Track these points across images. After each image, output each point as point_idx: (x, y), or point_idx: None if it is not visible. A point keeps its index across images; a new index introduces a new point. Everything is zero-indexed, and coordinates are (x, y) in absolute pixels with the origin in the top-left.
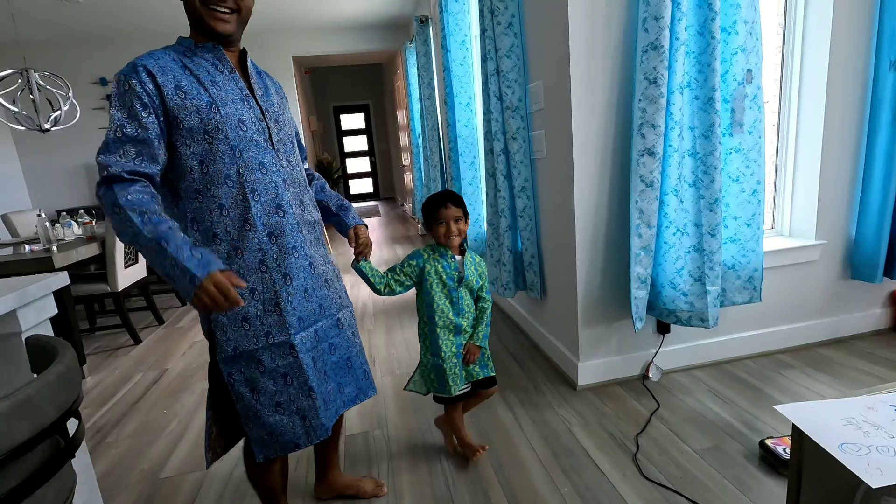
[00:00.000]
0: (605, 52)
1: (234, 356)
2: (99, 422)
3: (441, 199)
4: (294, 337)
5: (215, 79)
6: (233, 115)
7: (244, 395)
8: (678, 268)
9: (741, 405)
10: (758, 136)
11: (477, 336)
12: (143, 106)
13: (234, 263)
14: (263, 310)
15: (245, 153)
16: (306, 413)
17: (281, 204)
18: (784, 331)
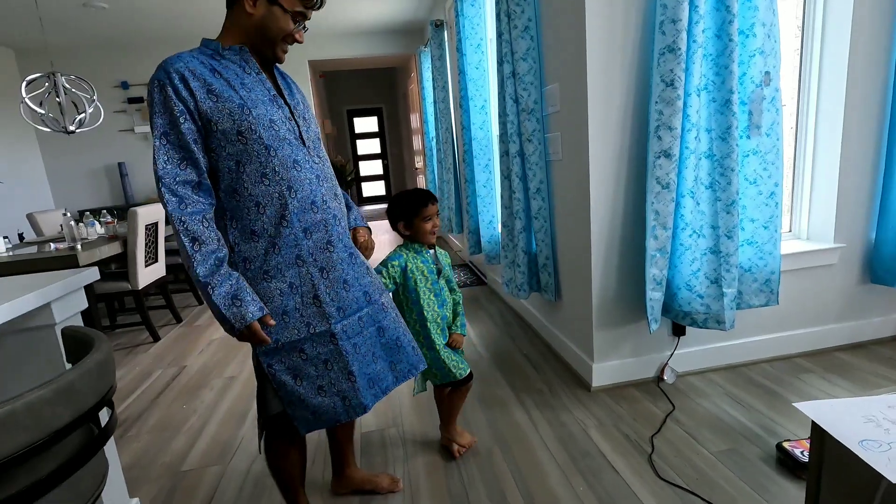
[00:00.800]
0: (622, 55)
1: (275, 348)
2: (121, 416)
3: (426, 197)
4: (335, 326)
5: (244, 81)
6: (264, 115)
7: (286, 383)
8: (694, 270)
9: (758, 408)
10: (776, 138)
11: (457, 325)
12: (179, 112)
13: (272, 259)
14: (302, 302)
15: (279, 151)
16: (346, 394)
17: (315, 200)
18: (802, 335)
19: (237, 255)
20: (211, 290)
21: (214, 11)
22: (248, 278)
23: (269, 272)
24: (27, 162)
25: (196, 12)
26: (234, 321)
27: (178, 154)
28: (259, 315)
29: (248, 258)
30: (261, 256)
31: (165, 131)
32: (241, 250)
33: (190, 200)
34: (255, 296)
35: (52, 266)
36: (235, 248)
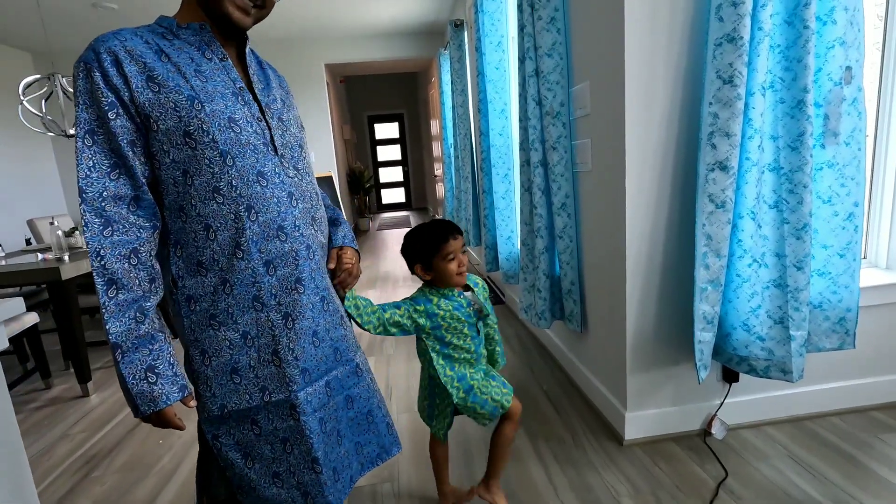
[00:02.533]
0: (668, 46)
1: (220, 416)
2: (91, 450)
3: (446, 230)
4: (297, 394)
5: (201, 67)
6: (221, 112)
7: (235, 463)
8: (754, 306)
9: (834, 480)
10: (856, 147)
11: (498, 359)
12: (109, 105)
13: (222, 300)
14: (258, 359)
15: (239, 160)
16: (308, 489)
17: (284, 225)
18: (881, 383)
19: (179, 293)
20: (121, 354)
21: None
22: (192, 323)
23: (216, 317)
24: (41, 166)
25: None
26: (141, 402)
27: (107, 160)
28: (177, 398)
29: (193, 297)
30: (208, 296)
31: (91, 129)
32: (186, 286)
33: (120, 225)
34: (178, 369)
35: (32, 279)
36: (178, 282)
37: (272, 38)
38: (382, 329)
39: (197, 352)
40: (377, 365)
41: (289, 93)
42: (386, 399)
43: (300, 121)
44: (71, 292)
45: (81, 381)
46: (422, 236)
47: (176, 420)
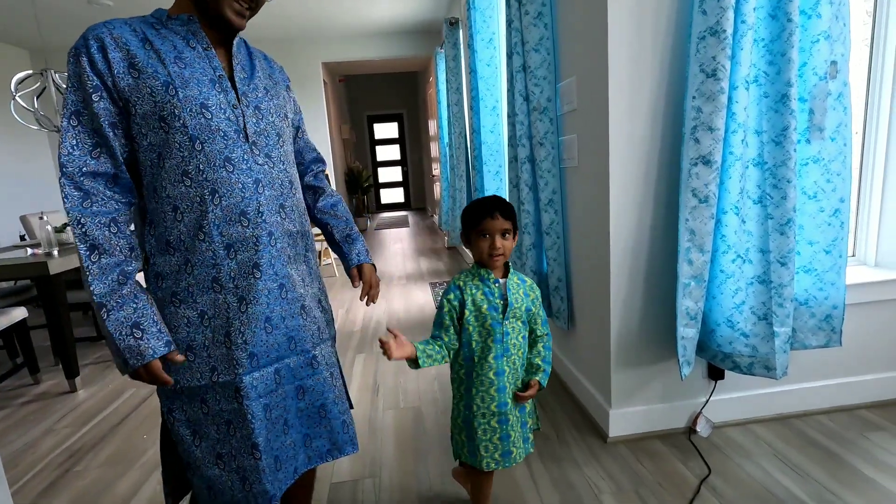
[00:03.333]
0: (653, 40)
1: (175, 391)
2: (76, 444)
3: (487, 207)
4: (242, 378)
5: (182, 55)
6: (194, 98)
7: (184, 438)
8: (738, 302)
9: (818, 478)
10: (842, 143)
11: (539, 369)
12: (94, 87)
13: (183, 280)
14: (212, 339)
15: (207, 146)
16: (247, 474)
17: (247, 210)
18: (868, 382)
19: (150, 269)
20: (106, 313)
21: None
22: (157, 299)
23: (178, 294)
24: (37, 162)
25: None
26: (129, 356)
27: (90, 139)
28: (164, 352)
29: (160, 274)
30: (173, 274)
31: (77, 110)
32: (157, 264)
33: (98, 198)
34: (162, 326)
35: (20, 273)
36: (151, 259)
37: (269, 36)
38: (453, 350)
39: None
40: (366, 362)
41: (280, 83)
42: (373, 395)
43: (288, 110)
44: (59, 287)
45: (69, 377)
46: (470, 207)
47: (164, 374)
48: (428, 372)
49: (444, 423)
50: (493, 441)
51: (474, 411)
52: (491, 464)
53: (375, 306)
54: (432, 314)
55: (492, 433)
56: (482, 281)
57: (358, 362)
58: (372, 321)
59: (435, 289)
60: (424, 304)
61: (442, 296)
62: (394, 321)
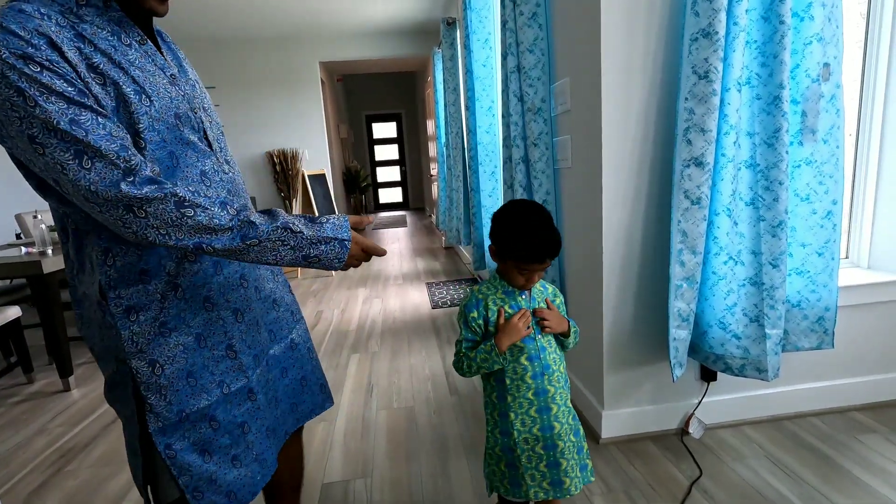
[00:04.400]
0: (645, 42)
1: (176, 422)
2: (68, 443)
3: (540, 253)
4: (251, 379)
5: (128, 56)
6: (167, 108)
7: (192, 465)
8: (729, 304)
9: (809, 481)
10: (835, 145)
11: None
12: (80, 92)
13: (172, 306)
14: (212, 357)
15: (182, 160)
16: (264, 455)
17: None
18: (860, 384)
19: (112, 304)
20: (293, 225)
21: (217, 6)
22: (134, 334)
23: (166, 324)
24: None
25: (196, 8)
26: (342, 233)
27: (121, 133)
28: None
29: (134, 307)
30: (155, 304)
31: (74, 119)
32: (124, 296)
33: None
34: None
35: (13, 272)
36: (109, 293)
37: (267, 35)
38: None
39: (143, 363)
40: (361, 362)
41: (193, 69)
42: (367, 395)
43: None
44: (53, 286)
45: (63, 376)
46: (516, 237)
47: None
48: (422, 372)
49: (437, 424)
50: (539, 469)
51: (514, 437)
52: (539, 493)
53: (371, 306)
54: (428, 314)
55: (537, 460)
56: (507, 294)
57: (352, 362)
58: (367, 320)
59: (431, 288)
60: (420, 304)
61: (463, 310)
62: (389, 321)
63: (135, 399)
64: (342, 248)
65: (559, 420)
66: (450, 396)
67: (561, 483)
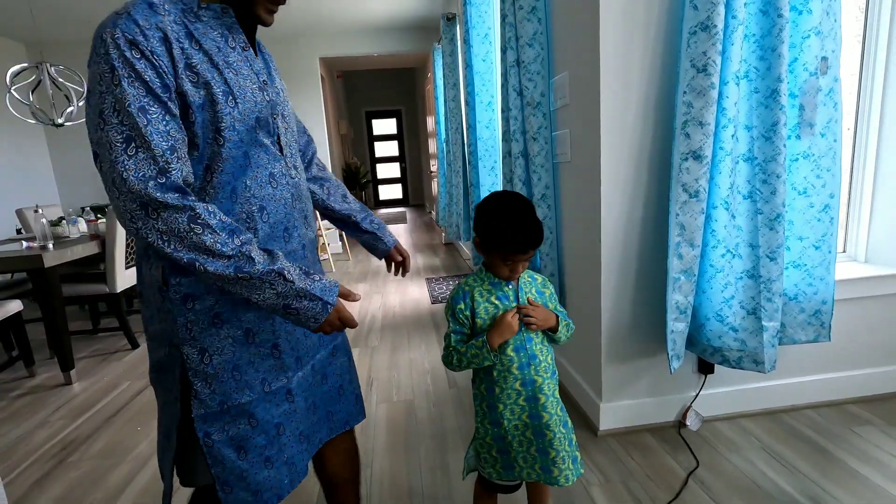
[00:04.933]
0: (644, 35)
1: (219, 412)
2: (70, 436)
3: (521, 244)
4: (292, 380)
5: (228, 58)
6: (250, 111)
7: (226, 458)
8: (727, 297)
9: (804, 472)
10: (832, 139)
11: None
12: (161, 88)
13: (228, 299)
14: (258, 353)
15: (253, 159)
16: (294, 459)
17: (288, 226)
18: (857, 377)
19: (172, 290)
20: (287, 273)
21: None
22: (188, 321)
23: (220, 315)
24: (33, 157)
25: None
26: (324, 295)
27: (166, 144)
28: (338, 287)
29: (192, 295)
30: (212, 294)
31: (143, 106)
32: (183, 284)
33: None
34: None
35: (14, 266)
36: (171, 280)
37: (267, 30)
38: (463, 360)
39: (194, 350)
40: (361, 356)
41: (281, 79)
42: (366, 389)
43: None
44: (53, 280)
45: (64, 369)
46: (498, 228)
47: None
48: (421, 366)
49: (436, 416)
50: (530, 452)
51: (505, 426)
52: (532, 475)
53: (370, 301)
54: (427, 309)
55: (528, 444)
56: (493, 286)
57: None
58: (367, 315)
59: (431, 284)
60: (420, 299)
61: (451, 302)
62: (389, 316)
63: (181, 384)
64: (323, 310)
65: (548, 410)
66: (449, 390)
67: (550, 471)
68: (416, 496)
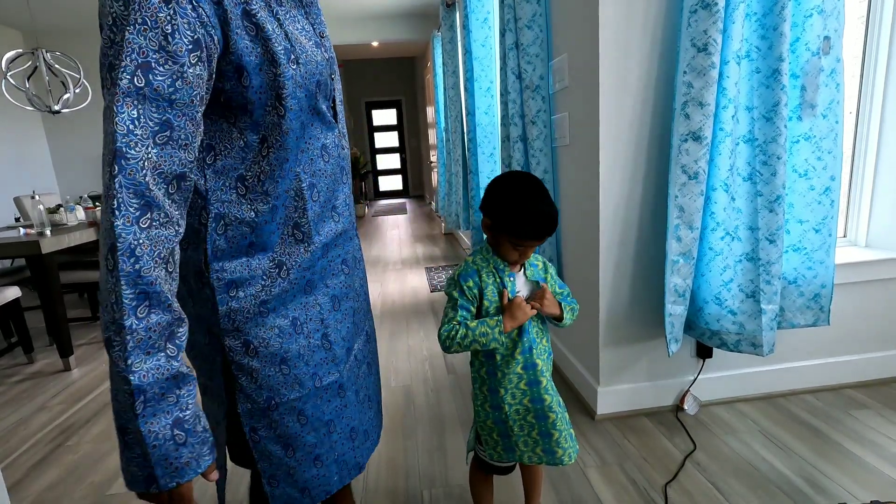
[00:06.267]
0: (644, 14)
1: (266, 408)
2: (68, 420)
3: (542, 227)
4: (343, 373)
5: (283, 6)
6: (312, 74)
7: (273, 454)
8: (726, 280)
9: (801, 454)
10: (834, 120)
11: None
12: (192, 43)
13: (277, 286)
14: (307, 346)
15: (308, 131)
16: (345, 457)
17: (336, 204)
18: (855, 361)
19: (213, 276)
20: (142, 405)
21: None
22: (232, 310)
23: (267, 303)
24: (31, 145)
25: None
26: (162, 472)
27: (158, 115)
28: (209, 462)
29: (236, 282)
30: (259, 279)
31: (148, 62)
32: (227, 270)
33: (161, 213)
34: (206, 422)
35: (11, 252)
36: (213, 264)
37: None
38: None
39: (238, 342)
40: None
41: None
42: None
43: None
44: (51, 266)
45: (63, 356)
46: (513, 213)
47: (194, 497)
48: (420, 353)
49: (433, 401)
50: (531, 436)
51: (506, 411)
52: (533, 458)
53: (370, 289)
54: (426, 298)
55: (529, 428)
56: (497, 268)
57: None
58: None
59: (430, 273)
60: (419, 288)
61: (458, 279)
62: (388, 304)
63: (223, 376)
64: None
65: (549, 392)
66: (447, 375)
67: (553, 452)
68: (412, 477)
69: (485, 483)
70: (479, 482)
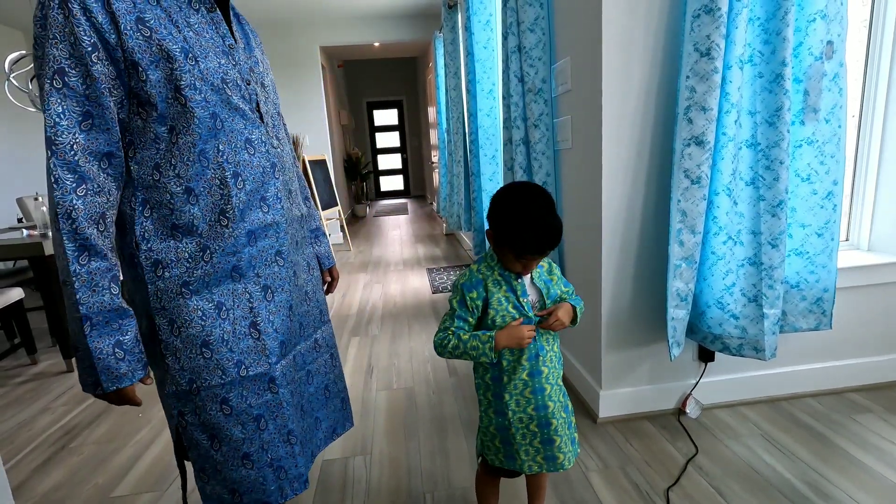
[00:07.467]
0: (647, 19)
1: (188, 391)
2: (71, 422)
3: (542, 246)
4: (275, 367)
5: (189, 19)
6: (214, 71)
7: (200, 444)
8: (728, 284)
9: (803, 458)
10: (836, 125)
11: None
12: (90, 46)
13: (199, 268)
14: (232, 332)
15: (228, 124)
16: (282, 462)
17: (266, 196)
18: (858, 365)
19: (143, 256)
20: (90, 328)
21: None
22: (158, 290)
23: (190, 285)
24: (35, 146)
25: None
26: (105, 378)
27: (79, 107)
28: (142, 375)
29: (161, 262)
30: (183, 262)
31: (62, 68)
32: (153, 250)
33: (93, 183)
34: (141, 346)
35: (14, 254)
36: (142, 245)
37: (266, 18)
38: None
39: (164, 321)
40: (361, 345)
41: (264, 53)
42: (366, 377)
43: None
44: (54, 267)
45: (66, 357)
46: (517, 227)
47: (137, 396)
48: (421, 354)
49: (435, 403)
50: (533, 445)
51: (509, 417)
52: (534, 467)
53: (371, 291)
54: (427, 298)
55: (531, 437)
56: (503, 277)
57: (353, 345)
58: (368, 305)
59: (431, 274)
60: (420, 289)
61: (461, 288)
62: (390, 305)
63: (163, 359)
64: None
65: (552, 399)
66: (449, 378)
67: (555, 458)
68: (415, 478)
69: (491, 486)
70: (486, 485)
